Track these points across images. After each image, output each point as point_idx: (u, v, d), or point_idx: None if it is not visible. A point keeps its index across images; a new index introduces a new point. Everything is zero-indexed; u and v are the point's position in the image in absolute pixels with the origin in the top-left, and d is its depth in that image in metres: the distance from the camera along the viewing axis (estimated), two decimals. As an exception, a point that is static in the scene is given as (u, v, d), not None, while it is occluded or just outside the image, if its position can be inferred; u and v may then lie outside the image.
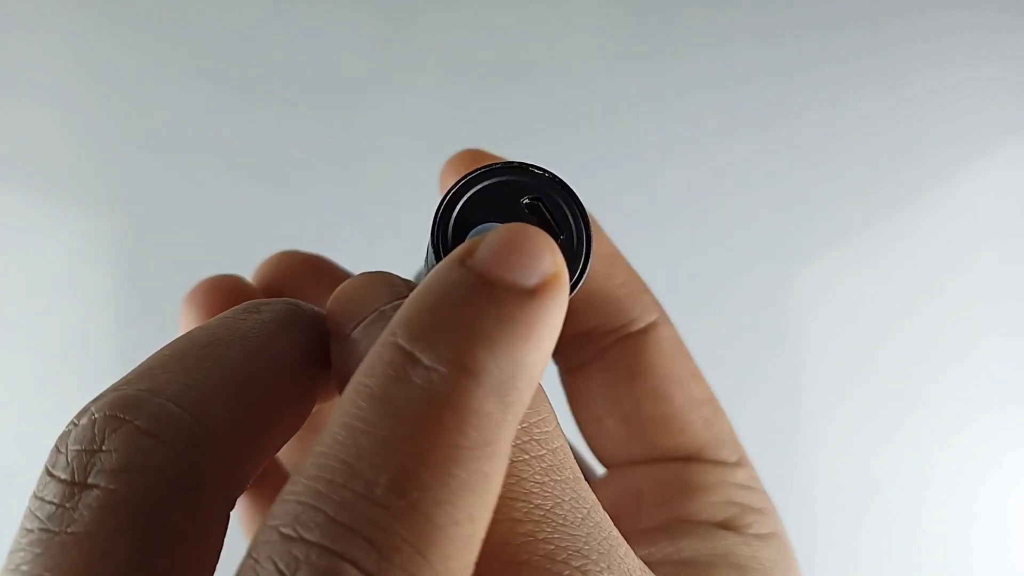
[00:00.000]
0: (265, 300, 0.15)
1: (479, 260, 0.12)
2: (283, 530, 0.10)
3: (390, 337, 0.12)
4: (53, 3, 0.55)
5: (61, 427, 0.13)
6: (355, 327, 0.14)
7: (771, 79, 0.60)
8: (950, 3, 0.61)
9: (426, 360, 0.11)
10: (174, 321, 0.20)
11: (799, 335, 0.60)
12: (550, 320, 0.12)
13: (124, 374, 0.14)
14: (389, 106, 0.56)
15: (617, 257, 0.19)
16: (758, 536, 0.17)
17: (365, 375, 0.12)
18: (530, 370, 0.12)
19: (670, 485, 0.18)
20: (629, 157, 0.58)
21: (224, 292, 0.19)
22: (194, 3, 0.56)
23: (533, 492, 0.12)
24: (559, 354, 0.20)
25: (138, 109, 0.55)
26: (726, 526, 0.17)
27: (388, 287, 0.14)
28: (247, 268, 0.22)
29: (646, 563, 0.15)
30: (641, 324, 0.19)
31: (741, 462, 0.19)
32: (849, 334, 0.60)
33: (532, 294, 0.12)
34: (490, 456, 0.11)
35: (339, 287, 0.15)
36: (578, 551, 0.12)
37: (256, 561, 0.10)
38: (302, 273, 0.20)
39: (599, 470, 0.20)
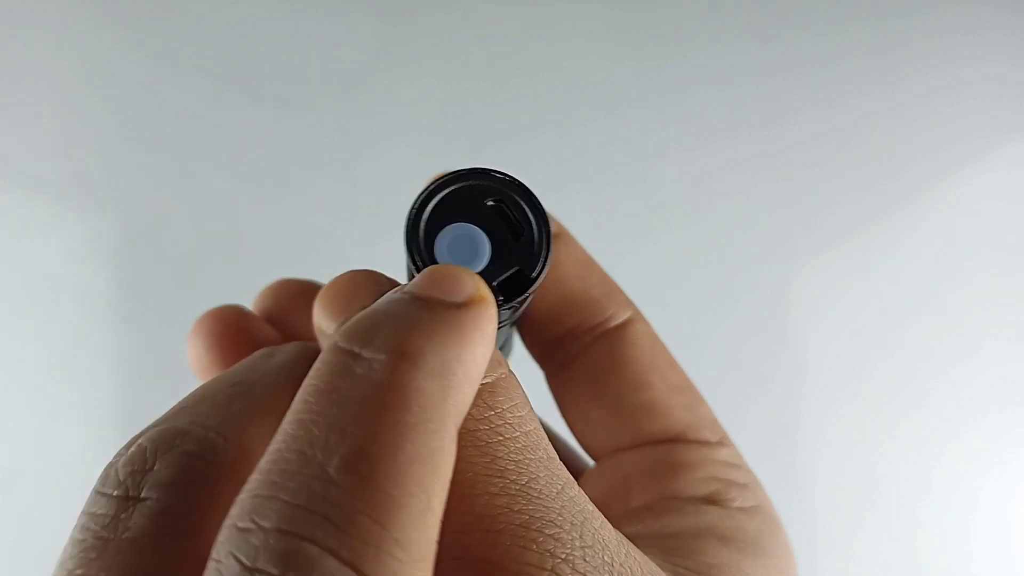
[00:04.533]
0: (277, 347, 0.17)
1: (410, 287, 0.14)
2: (240, 524, 0.11)
3: (331, 342, 0.13)
4: (53, 3, 0.55)
5: (61, 427, 0.13)
6: (341, 325, 0.15)
7: (771, 78, 0.60)
8: (950, 2, 0.61)
9: (366, 353, 0.12)
10: (174, 321, 0.21)
11: (799, 335, 0.60)
12: (480, 327, 0.13)
13: (124, 374, 0.14)
14: (389, 106, 0.56)
15: (590, 262, 0.20)
16: (742, 509, 0.18)
17: (311, 377, 0.12)
18: (466, 365, 0.13)
19: (656, 466, 0.19)
20: (628, 155, 0.58)
21: (227, 320, 0.20)
22: (194, 3, 0.56)
23: (508, 469, 0.13)
24: (544, 357, 0.21)
25: (138, 109, 0.55)
26: (710, 501, 0.18)
27: (374, 285, 0.15)
28: (246, 268, 0.22)
29: (633, 540, 0.15)
30: (618, 320, 0.20)
31: (723, 441, 0.20)
32: (850, 334, 0.60)
33: (460, 306, 0.13)
34: (434, 432, 0.12)
35: (326, 285, 0.15)
36: (551, 521, 0.13)
37: (217, 561, 0.11)
38: (299, 300, 0.21)
39: (590, 464, 0.21)
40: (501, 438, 0.14)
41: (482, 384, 0.14)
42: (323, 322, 0.15)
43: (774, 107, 0.60)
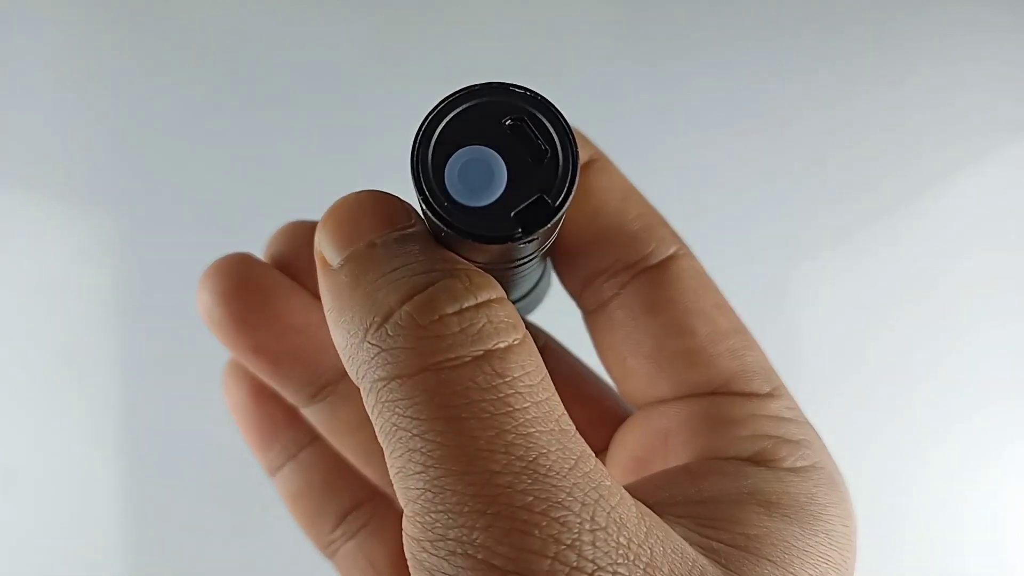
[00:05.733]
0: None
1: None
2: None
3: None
4: (52, 3, 0.55)
5: (61, 427, 0.13)
6: (344, 259, 0.14)
7: (769, 76, 0.60)
8: (950, 1, 0.61)
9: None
10: (174, 321, 0.21)
11: (796, 333, 0.60)
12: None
13: (124, 374, 0.14)
14: (390, 106, 0.56)
15: (631, 191, 0.19)
16: (793, 470, 0.16)
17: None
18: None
19: (695, 422, 0.17)
20: (627, 154, 0.58)
21: (234, 273, 0.19)
22: (194, 3, 0.56)
23: (515, 444, 0.12)
24: (579, 296, 0.19)
25: (138, 109, 0.55)
26: (756, 461, 0.16)
27: (385, 211, 0.14)
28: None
29: (666, 504, 0.14)
30: (658, 258, 0.18)
31: (775, 392, 0.18)
32: (846, 332, 0.60)
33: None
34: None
35: (330, 208, 0.15)
36: (559, 502, 0.12)
37: None
38: (311, 243, 0.21)
39: (633, 410, 0.20)
40: (509, 409, 0.12)
41: (492, 350, 0.13)
42: (326, 251, 0.14)
43: (772, 105, 0.59)
